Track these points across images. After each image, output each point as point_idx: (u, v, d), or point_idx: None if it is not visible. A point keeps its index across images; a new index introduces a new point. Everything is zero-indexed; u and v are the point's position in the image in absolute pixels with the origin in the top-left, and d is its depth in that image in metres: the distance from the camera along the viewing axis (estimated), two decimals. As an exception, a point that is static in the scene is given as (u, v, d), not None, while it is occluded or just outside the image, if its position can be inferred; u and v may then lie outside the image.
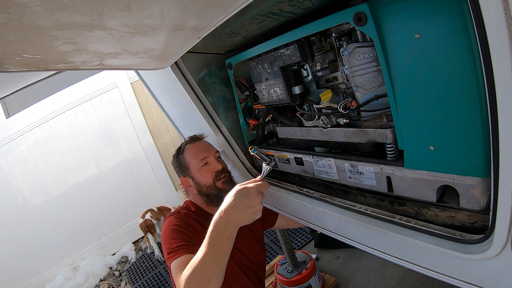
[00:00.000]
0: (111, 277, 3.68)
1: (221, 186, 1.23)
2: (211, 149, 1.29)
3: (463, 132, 0.63)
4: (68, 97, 3.81)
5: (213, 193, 1.23)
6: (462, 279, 0.73)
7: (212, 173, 1.23)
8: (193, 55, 1.35)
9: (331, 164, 1.02)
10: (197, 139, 1.32)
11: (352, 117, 0.94)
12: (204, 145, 1.31)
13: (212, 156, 1.26)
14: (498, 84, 0.49)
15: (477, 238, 0.68)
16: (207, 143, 1.32)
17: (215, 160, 1.26)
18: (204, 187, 1.24)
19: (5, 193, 3.60)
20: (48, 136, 3.75)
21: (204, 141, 1.33)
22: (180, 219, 1.19)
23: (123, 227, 4.13)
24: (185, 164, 1.27)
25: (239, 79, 1.33)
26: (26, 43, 0.69)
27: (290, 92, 1.06)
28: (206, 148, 1.28)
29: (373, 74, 0.82)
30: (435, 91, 0.65)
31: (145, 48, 0.97)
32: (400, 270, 2.16)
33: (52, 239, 3.79)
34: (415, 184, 0.78)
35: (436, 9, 0.59)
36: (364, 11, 0.69)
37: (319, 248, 2.73)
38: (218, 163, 1.25)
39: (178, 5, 0.71)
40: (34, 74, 1.11)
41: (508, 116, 0.50)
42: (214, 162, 1.25)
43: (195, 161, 1.24)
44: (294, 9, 0.94)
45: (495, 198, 0.57)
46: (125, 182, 4.07)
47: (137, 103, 4.05)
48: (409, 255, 0.84)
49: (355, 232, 1.01)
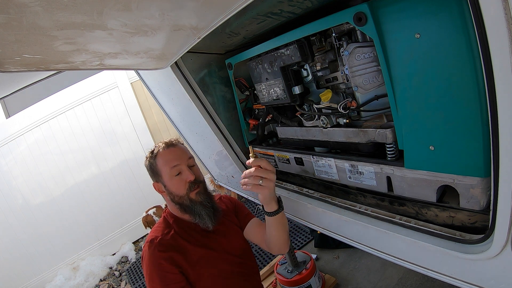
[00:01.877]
0: (111, 277, 3.68)
1: (194, 197, 1.17)
2: (184, 156, 1.20)
3: (463, 132, 0.64)
4: (68, 97, 3.81)
5: (185, 203, 1.17)
6: (462, 279, 0.73)
7: (185, 184, 1.16)
8: (193, 55, 1.35)
9: (331, 164, 1.02)
10: (172, 145, 1.22)
11: (352, 117, 0.94)
12: (178, 152, 1.20)
13: (184, 165, 1.17)
14: (498, 84, 0.49)
15: (477, 238, 0.68)
16: (182, 150, 1.22)
17: (187, 170, 1.17)
18: (176, 196, 1.17)
19: (5, 193, 3.60)
20: (48, 136, 3.74)
21: (178, 147, 1.22)
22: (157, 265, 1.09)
23: (123, 227, 4.13)
24: (157, 170, 1.19)
25: (239, 79, 1.33)
26: (26, 43, 0.69)
27: (290, 92, 1.06)
28: (179, 156, 1.19)
29: (373, 74, 0.82)
30: (435, 91, 0.65)
31: (145, 48, 0.97)
32: (400, 270, 2.16)
33: (52, 239, 3.79)
34: (415, 184, 0.78)
35: (436, 9, 0.59)
36: (364, 11, 0.69)
37: (319, 248, 2.73)
38: (190, 174, 1.16)
39: (178, 5, 0.71)
40: (34, 74, 1.11)
41: (508, 116, 0.50)
42: (186, 172, 1.16)
43: (168, 169, 1.16)
44: (294, 9, 0.94)
45: (495, 198, 0.57)
46: (125, 182, 4.07)
47: (137, 103, 4.05)
48: (409, 255, 0.84)
49: (355, 232, 1.01)
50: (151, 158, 1.22)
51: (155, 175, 1.21)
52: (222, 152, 1.50)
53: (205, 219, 1.17)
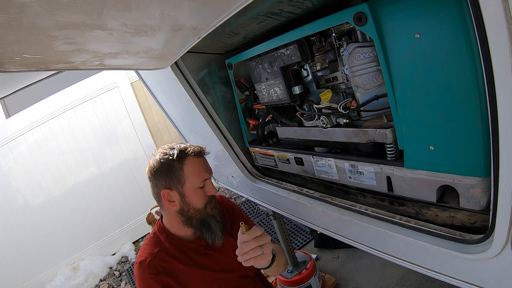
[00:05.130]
0: (111, 277, 3.68)
1: (210, 211, 1.13)
2: (211, 170, 1.15)
3: (463, 132, 0.64)
4: (68, 97, 3.81)
5: (198, 217, 1.11)
6: (462, 279, 0.73)
7: (206, 198, 1.11)
8: (193, 55, 1.35)
9: (331, 164, 1.02)
10: (203, 154, 1.14)
11: (352, 117, 0.94)
12: (207, 164, 1.15)
13: (211, 179, 1.13)
14: (498, 84, 0.49)
15: (477, 238, 0.68)
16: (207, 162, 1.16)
17: (211, 184, 1.13)
18: (192, 209, 1.09)
19: (5, 193, 3.60)
20: (48, 136, 3.74)
21: (205, 158, 1.16)
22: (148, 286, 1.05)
23: (123, 227, 4.13)
24: (181, 177, 1.06)
25: (239, 79, 1.33)
26: (26, 43, 0.69)
27: (290, 92, 1.06)
28: (209, 169, 1.14)
29: (373, 74, 0.82)
30: (435, 91, 0.65)
31: (145, 48, 0.97)
32: (400, 270, 2.16)
33: (52, 239, 3.78)
34: (415, 184, 0.78)
35: (436, 9, 0.59)
36: (364, 11, 0.69)
37: (319, 248, 2.72)
38: (214, 188, 1.13)
39: (178, 5, 0.71)
40: (34, 74, 1.11)
41: (508, 116, 0.50)
42: (211, 186, 1.12)
43: (197, 181, 1.07)
44: (294, 9, 0.94)
45: (495, 198, 0.57)
46: (125, 182, 4.07)
47: (137, 103, 4.04)
48: (409, 255, 0.84)
49: (355, 232, 1.01)
50: (175, 161, 1.06)
51: (172, 181, 1.06)
52: (222, 152, 1.50)
53: (217, 234, 1.13)
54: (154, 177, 1.09)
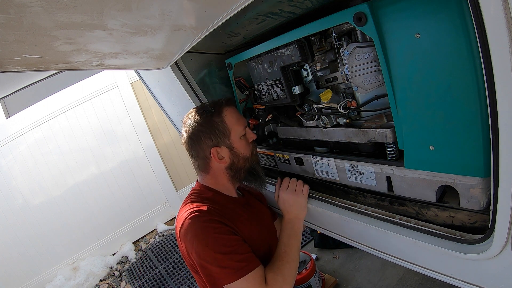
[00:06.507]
0: (111, 277, 3.68)
1: (256, 158, 1.12)
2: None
3: (463, 132, 0.64)
4: (68, 97, 3.80)
5: (246, 167, 1.08)
6: (462, 279, 0.73)
7: (250, 144, 1.09)
8: (193, 55, 1.35)
9: (331, 164, 1.02)
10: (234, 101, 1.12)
11: (352, 117, 0.94)
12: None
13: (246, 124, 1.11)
14: (498, 84, 0.49)
15: (477, 238, 0.68)
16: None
17: (249, 129, 1.09)
18: (242, 159, 1.06)
19: (4, 194, 3.59)
20: (48, 136, 3.74)
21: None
22: (211, 228, 0.94)
23: (123, 227, 4.13)
24: (226, 129, 1.03)
25: (239, 79, 1.33)
26: (26, 43, 0.69)
27: (290, 92, 1.06)
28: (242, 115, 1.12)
29: (373, 74, 0.82)
30: (435, 91, 0.65)
31: (145, 48, 0.97)
32: (400, 270, 2.15)
33: (52, 239, 3.78)
34: (415, 184, 0.78)
35: (436, 9, 0.59)
36: (364, 11, 0.69)
37: (319, 248, 2.72)
38: (253, 133, 1.10)
39: (178, 5, 0.71)
40: (34, 74, 1.11)
41: (508, 116, 0.50)
42: (250, 132, 1.09)
43: (240, 128, 1.05)
44: (294, 9, 0.94)
45: (495, 198, 0.57)
46: (125, 182, 4.06)
47: (137, 103, 4.04)
48: (409, 255, 0.84)
49: (355, 232, 1.01)
50: (214, 115, 1.04)
51: (219, 136, 1.03)
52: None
53: (264, 179, 1.13)
54: (197, 141, 1.04)
